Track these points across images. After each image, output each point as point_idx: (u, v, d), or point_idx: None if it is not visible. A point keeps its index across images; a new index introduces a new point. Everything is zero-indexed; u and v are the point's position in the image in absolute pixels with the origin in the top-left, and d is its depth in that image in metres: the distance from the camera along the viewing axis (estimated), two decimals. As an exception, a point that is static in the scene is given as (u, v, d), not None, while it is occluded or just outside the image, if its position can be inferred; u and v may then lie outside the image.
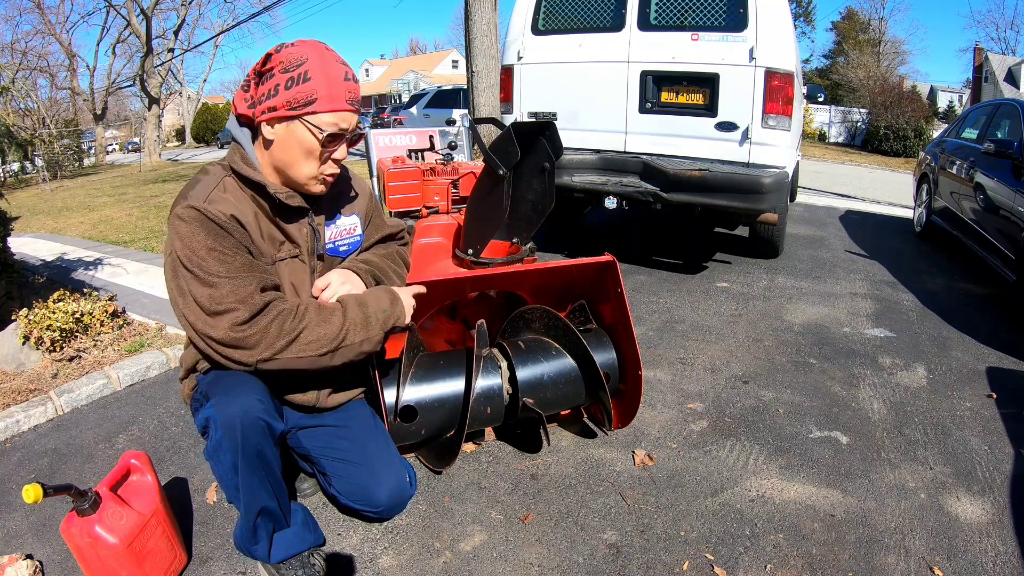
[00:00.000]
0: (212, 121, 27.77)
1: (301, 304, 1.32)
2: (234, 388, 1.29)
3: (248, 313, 1.23)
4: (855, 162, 15.01)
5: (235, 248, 1.27)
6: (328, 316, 1.32)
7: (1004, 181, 3.73)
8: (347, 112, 1.32)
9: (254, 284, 1.26)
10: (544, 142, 2.16)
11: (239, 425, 1.26)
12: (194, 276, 1.23)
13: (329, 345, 1.30)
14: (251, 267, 1.28)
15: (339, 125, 1.31)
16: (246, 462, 1.30)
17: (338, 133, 1.32)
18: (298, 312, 1.29)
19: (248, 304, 1.23)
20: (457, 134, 3.51)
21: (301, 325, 1.28)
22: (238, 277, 1.24)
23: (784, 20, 3.48)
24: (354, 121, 1.35)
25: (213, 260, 1.23)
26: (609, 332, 2.12)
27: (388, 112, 17.45)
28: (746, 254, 4.71)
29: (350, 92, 1.32)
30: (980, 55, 25.24)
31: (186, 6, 22.49)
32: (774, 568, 1.58)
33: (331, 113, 1.29)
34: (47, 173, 13.23)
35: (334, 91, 1.29)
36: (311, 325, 1.29)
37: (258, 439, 1.29)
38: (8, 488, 1.93)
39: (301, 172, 1.34)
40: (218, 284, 1.22)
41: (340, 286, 1.44)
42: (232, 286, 1.23)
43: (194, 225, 1.24)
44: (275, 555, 1.44)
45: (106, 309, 3.00)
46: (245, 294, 1.23)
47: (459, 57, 37.70)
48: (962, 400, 2.51)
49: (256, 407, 1.29)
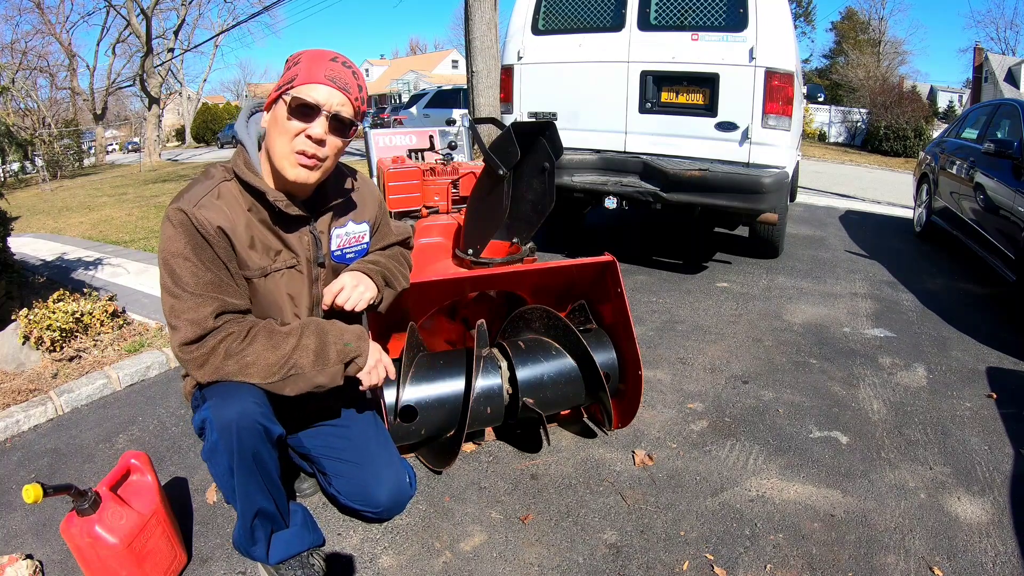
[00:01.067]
0: (212, 121, 27.78)
1: (255, 326, 1.29)
2: (232, 391, 1.28)
3: (195, 334, 1.23)
4: (855, 162, 15.01)
5: (210, 261, 1.27)
6: (279, 341, 1.29)
7: (1004, 181, 3.73)
8: (322, 85, 1.27)
9: (213, 306, 1.25)
10: (544, 142, 2.17)
11: (235, 428, 1.26)
12: (166, 279, 1.26)
13: (277, 372, 1.28)
14: (219, 286, 1.27)
15: (310, 94, 1.26)
16: (242, 465, 1.29)
17: (307, 103, 1.26)
18: (248, 335, 1.27)
19: (199, 326, 1.23)
20: (457, 134, 3.52)
21: (248, 349, 1.26)
22: (202, 295, 1.24)
23: (784, 20, 3.48)
24: (335, 99, 1.28)
25: (185, 270, 1.24)
26: (609, 332, 2.12)
27: (388, 112, 17.44)
28: (746, 254, 4.71)
29: (332, 71, 1.29)
30: (980, 55, 25.23)
31: (186, 6, 22.49)
32: (774, 568, 1.58)
33: (305, 85, 1.27)
34: (47, 173, 13.24)
35: (315, 68, 1.28)
36: (259, 350, 1.27)
37: (254, 442, 1.28)
38: (8, 488, 1.93)
39: (277, 152, 1.30)
40: (181, 297, 1.24)
41: (353, 289, 1.43)
42: (192, 303, 1.24)
43: (178, 229, 1.25)
44: (274, 555, 1.44)
45: (106, 309, 3.00)
46: (200, 316, 1.24)
47: (459, 57, 37.70)
48: (962, 400, 2.51)
49: (253, 411, 1.27)
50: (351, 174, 1.55)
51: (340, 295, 1.42)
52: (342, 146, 1.34)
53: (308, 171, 1.31)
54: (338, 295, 1.42)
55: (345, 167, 1.55)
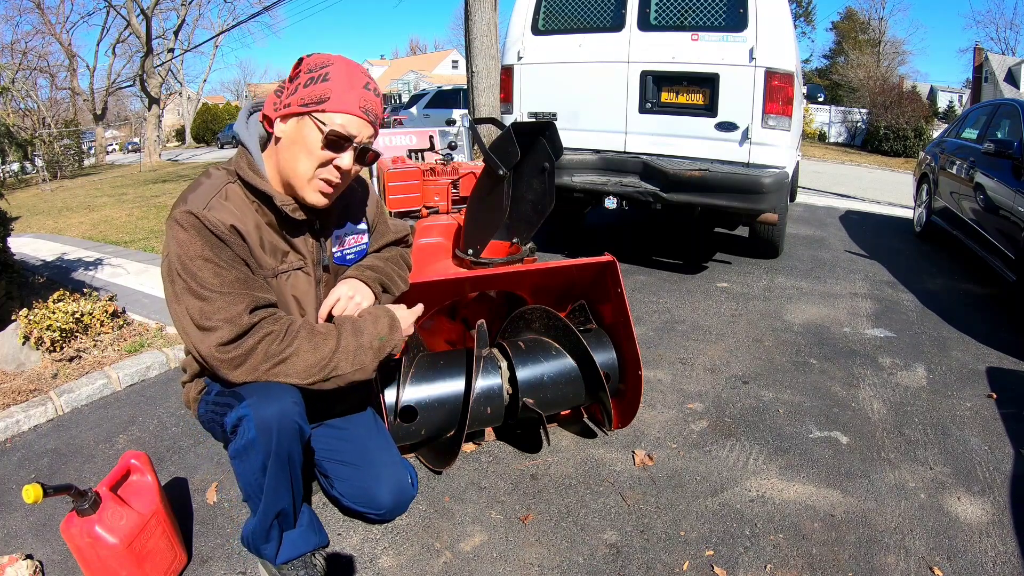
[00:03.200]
0: (212, 121, 27.78)
1: (293, 325, 1.27)
2: (272, 389, 1.26)
3: (233, 333, 1.19)
4: (855, 162, 15.01)
5: (231, 260, 1.24)
6: (319, 342, 1.28)
7: (1004, 181, 3.73)
8: (357, 118, 1.26)
9: (245, 302, 1.22)
10: (544, 142, 2.17)
11: (275, 427, 1.24)
12: (187, 286, 1.20)
13: (317, 374, 1.27)
14: (246, 282, 1.24)
15: (347, 128, 1.25)
16: (277, 464, 1.28)
17: (343, 136, 1.25)
18: (287, 335, 1.25)
19: (235, 324, 1.20)
20: (457, 134, 3.52)
21: (289, 350, 1.24)
22: (231, 293, 1.21)
23: (784, 20, 3.48)
24: (366, 132, 1.28)
25: (208, 271, 1.20)
26: (609, 332, 2.12)
27: (388, 112, 17.45)
28: (746, 254, 4.71)
29: (366, 101, 1.27)
30: (980, 55, 25.23)
31: (186, 6, 22.48)
32: (774, 568, 1.58)
33: (340, 114, 1.24)
34: (47, 173, 13.25)
35: (349, 95, 1.25)
36: (300, 351, 1.25)
37: (290, 442, 1.28)
38: (8, 488, 1.93)
39: (298, 172, 1.27)
40: (210, 298, 1.20)
41: (349, 301, 1.42)
42: (223, 302, 1.20)
43: (192, 232, 1.21)
44: (281, 556, 1.44)
45: (106, 309, 3.00)
46: (234, 313, 1.20)
47: (459, 57, 37.71)
48: (962, 400, 2.51)
49: (292, 410, 1.26)
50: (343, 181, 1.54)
51: (336, 307, 1.41)
52: (359, 170, 1.36)
53: (327, 198, 1.32)
54: (334, 307, 1.41)
55: None
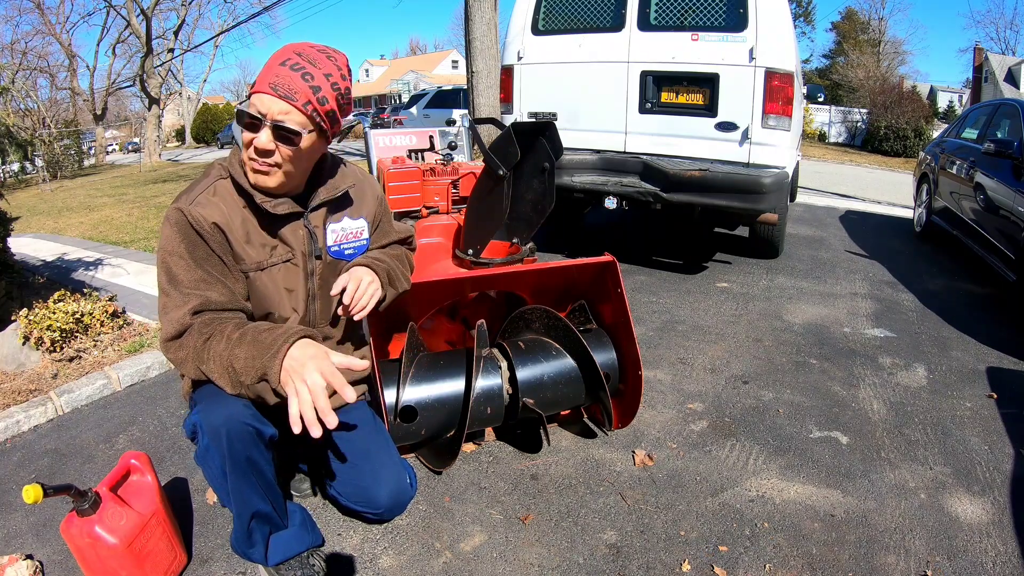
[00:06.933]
0: (212, 121, 27.75)
1: (220, 327, 1.23)
2: (219, 394, 1.25)
3: (175, 331, 1.24)
4: (855, 162, 15.00)
5: (204, 257, 1.29)
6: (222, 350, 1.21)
7: (1004, 181, 3.73)
8: (265, 95, 1.22)
9: (193, 303, 1.25)
10: (544, 142, 2.16)
11: (224, 432, 1.24)
12: (160, 280, 1.29)
13: (228, 380, 1.21)
14: (207, 283, 1.28)
15: (255, 106, 1.23)
16: (235, 468, 1.28)
17: (250, 114, 1.22)
18: (211, 338, 1.22)
19: (179, 323, 1.24)
20: (457, 134, 3.51)
21: (204, 355, 1.22)
22: (188, 294, 1.26)
23: (784, 20, 3.48)
24: (275, 108, 1.22)
25: (180, 267, 1.27)
26: (609, 332, 2.12)
27: (388, 112, 17.45)
28: (746, 254, 4.71)
29: (278, 77, 1.21)
30: (980, 55, 25.24)
31: (186, 6, 22.47)
32: (774, 568, 1.58)
33: (255, 95, 1.24)
34: (47, 173, 13.23)
35: (265, 75, 1.24)
36: (213, 355, 1.21)
37: (245, 445, 1.27)
38: (8, 488, 1.93)
39: (243, 157, 1.31)
40: (171, 295, 1.27)
41: (368, 286, 1.43)
42: (178, 300, 1.25)
43: (175, 228, 1.28)
44: (272, 557, 1.44)
45: (106, 309, 3.00)
46: (181, 312, 1.24)
47: (459, 57, 37.69)
48: (962, 400, 2.51)
49: (241, 413, 1.25)
50: (349, 170, 1.53)
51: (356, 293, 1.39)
52: (294, 154, 1.27)
53: (264, 176, 1.29)
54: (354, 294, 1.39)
55: (344, 163, 1.54)
